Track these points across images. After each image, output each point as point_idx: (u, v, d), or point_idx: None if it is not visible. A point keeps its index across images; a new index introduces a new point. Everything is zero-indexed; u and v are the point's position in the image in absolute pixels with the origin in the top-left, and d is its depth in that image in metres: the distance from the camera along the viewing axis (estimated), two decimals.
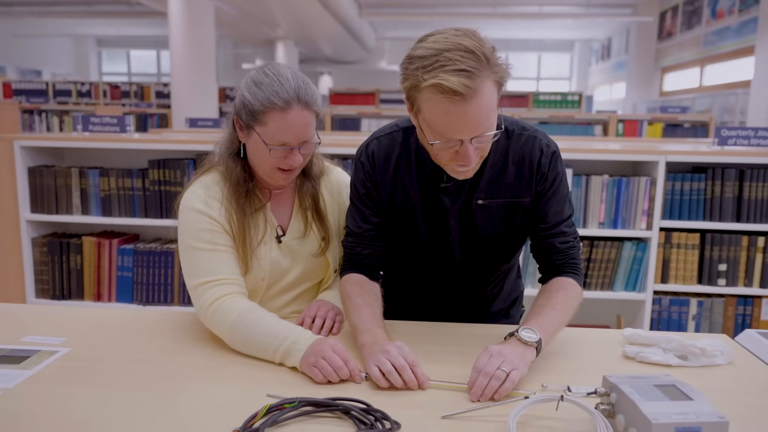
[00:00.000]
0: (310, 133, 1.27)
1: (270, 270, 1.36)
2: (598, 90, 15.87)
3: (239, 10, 9.99)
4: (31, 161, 2.62)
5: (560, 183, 1.30)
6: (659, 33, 12.12)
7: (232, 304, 1.22)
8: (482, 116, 1.08)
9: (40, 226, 2.68)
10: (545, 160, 1.27)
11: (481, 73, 1.05)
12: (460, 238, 1.34)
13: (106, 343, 1.23)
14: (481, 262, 1.39)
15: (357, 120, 6.31)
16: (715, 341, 1.21)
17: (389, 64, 17.04)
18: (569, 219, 1.33)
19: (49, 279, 2.63)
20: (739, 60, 9.05)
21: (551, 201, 1.30)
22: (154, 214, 2.58)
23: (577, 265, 1.33)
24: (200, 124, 4.86)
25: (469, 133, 1.10)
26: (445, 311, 1.47)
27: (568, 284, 1.28)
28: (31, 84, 8.56)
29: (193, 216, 1.29)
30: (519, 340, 1.09)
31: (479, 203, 1.29)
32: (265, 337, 1.15)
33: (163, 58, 17.32)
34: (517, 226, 1.33)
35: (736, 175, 2.40)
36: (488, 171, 1.27)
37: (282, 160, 1.26)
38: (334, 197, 1.46)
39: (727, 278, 2.45)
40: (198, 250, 1.27)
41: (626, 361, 1.20)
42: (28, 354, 1.15)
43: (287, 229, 1.39)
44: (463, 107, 1.05)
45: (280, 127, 1.22)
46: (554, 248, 1.31)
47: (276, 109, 1.21)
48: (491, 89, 1.08)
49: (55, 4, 12.22)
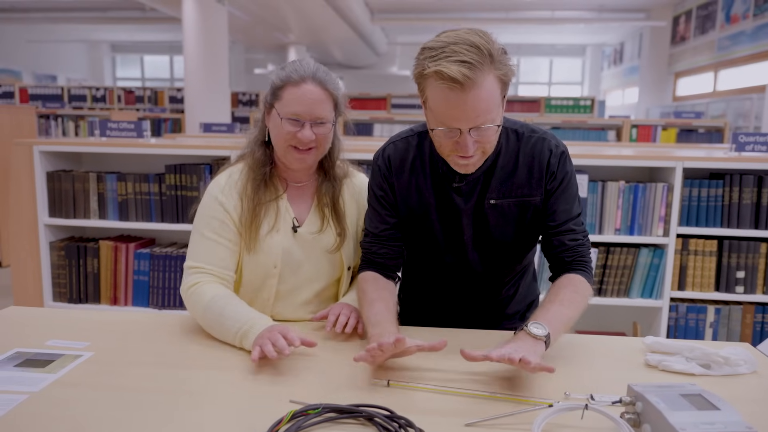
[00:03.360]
0: (323, 111, 1.34)
1: (282, 258, 1.39)
2: (611, 95, 15.79)
3: (252, 16, 10.06)
4: (50, 166, 2.65)
5: (569, 182, 1.33)
6: (672, 37, 12.05)
7: (208, 290, 1.32)
8: (480, 108, 1.13)
9: (58, 230, 2.71)
10: (554, 160, 1.31)
11: (482, 66, 1.10)
12: (474, 238, 1.36)
13: (129, 347, 1.24)
14: (494, 263, 1.40)
15: (369, 125, 6.32)
16: (738, 350, 1.20)
17: (400, 69, 17.07)
18: (578, 218, 1.35)
19: (67, 282, 2.66)
20: (753, 65, 8.97)
21: (560, 199, 1.32)
22: (171, 219, 2.60)
23: (586, 262, 1.34)
24: (214, 129, 4.89)
25: (467, 123, 1.14)
26: (461, 314, 1.48)
27: (576, 280, 1.30)
28: (47, 89, 8.67)
29: (209, 202, 1.39)
30: (528, 334, 1.11)
31: (491, 203, 1.32)
32: (228, 320, 1.25)
33: (177, 64, 17.47)
34: (529, 225, 1.36)
35: (755, 182, 2.38)
36: (499, 172, 1.31)
37: (293, 136, 1.33)
38: (355, 199, 1.50)
39: (745, 285, 2.43)
40: (203, 237, 1.37)
41: (648, 369, 1.19)
42: (52, 358, 1.16)
43: (304, 222, 1.43)
44: (461, 96, 1.11)
45: (293, 98, 1.32)
46: (563, 245, 1.33)
47: (292, 83, 1.32)
48: (492, 84, 1.13)
49: (70, 10, 12.37)
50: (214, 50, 7.64)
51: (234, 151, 2.49)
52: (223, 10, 7.90)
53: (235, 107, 8.63)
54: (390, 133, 6.47)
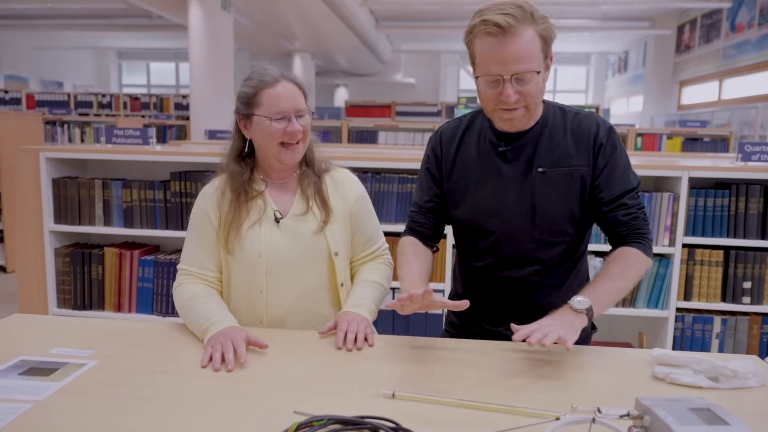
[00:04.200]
0: (301, 104, 1.43)
1: (266, 247, 1.44)
2: (615, 103, 15.79)
3: (257, 24, 10.12)
4: (56, 172, 2.66)
5: (619, 155, 1.37)
6: (677, 46, 12.06)
7: (188, 289, 1.44)
8: (520, 55, 1.23)
9: (63, 236, 2.72)
10: (603, 133, 1.36)
11: (524, 19, 1.22)
12: (518, 206, 1.38)
13: (134, 356, 1.24)
14: (537, 237, 1.39)
15: (374, 132, 6.33)
16: (746, 363, 1.18)
17: (405, 77, 17.12)
18: (632, 191, 1.38)
19: (71, 289, 2.66)
20: (758, 73, 8.97)
21: (613, 174, 1.36)
22: (175, 226, 2.60)
23: (643, 234, 1.37)
24: (219, 136, 4.91)
25: (507, 69, 1.23)
26: (505, 303, 1.47)
27: (629, 253, 1.34)
28: (53, 95, 8.72)
29: (195, 209, 1.50)
30: (570, 307, 1.18)
31: (539, 171, 1.36)
32: (196, 316, 1.36)
33: (182, 70, 17.56)
34: (576, 199, 1.37)
35: (761, 192, 2.37)
36: (546, 141, 1.37)
37: (284, 132, 1.40)
38: (339, 190, 1.53)
39: (752, 296, 2.41)
40: (188, 241, 1.50)
41: (655, 382, 1.18)
42: (57, 366, 1.16)
43: (288, 212, 1.48)
44: (503, 41, 1.22)
45: (273, 98, 1.40)
46: (617, 221, 1.36)
47: (266, 86, 1.41)
48: (533, 36, 1.24)
49: (77, 17, 12.47)
50: (220, 57, 7.68)
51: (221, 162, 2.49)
52: (229, 17, 7.95)
53: None
54: (395, 141, 6.49)
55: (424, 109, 8.30)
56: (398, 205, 2.55)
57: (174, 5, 8.24)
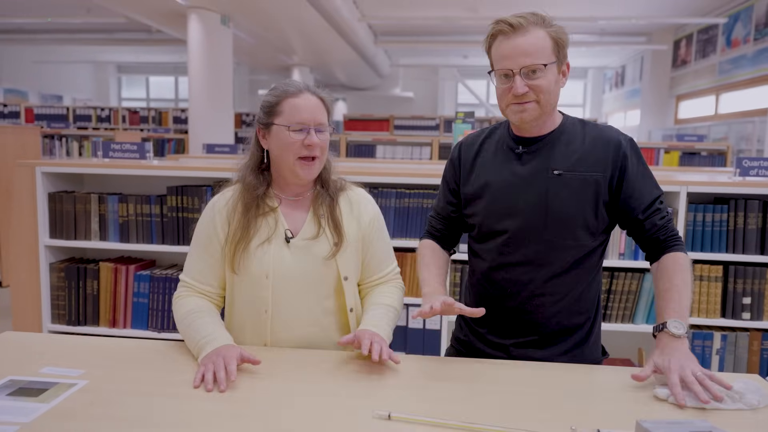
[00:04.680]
0: (323, 118, 1.41)
1: (273, 267, 1.39)
2: (612, 117, 15.85)
3: (257, 38, 10.17)
4: (52, 187, 2.65)
5: (644, 164, 1.42)
6: (674, 61, 12.14)
7: (186, 302, 1.42)
8: (529, 49, 1.31)
9: (58, 251, 2.70)
10: (625, 143, 1.41)
11: (535, 22, 1.33)
12: (531, 206, 1.40)
13: (125, 376, 1.22)
14: (549, 237, 1.39)
15: (372, 146, 6.33)
16: (750, 383, 1.17)
17: (403, 91, 17.18)
18: (661, 197, 1.43)
19: (66, 304, 2.63)
20: (755, 88, 9.01)
21: (644, 181, 1.40)
22: (171, 241, 2.58)
23: (678, 236, 1.43)
24: (217, 150, 4.90)
25: (516, 62, 1.32)
26: (514, 307, 1.45)
27: (681, 260, 1.38)
28: (52, 109, 8.74)
29: (203, 219, 1.46)
30: (669, 334, 1.25)
31: (555, 173, 1.39)
32: (194, 332, 1.34)
33: (181, 84, 17.62)
34: (589, 204, 1.39)
35: (760, 207, 2.36)
36: (562, 145, 1.41)
37: (301, 144, 1.37)
38: (354, 212, 1.48)
39: (752, 312, 2.39)
40: (191, 252, 1.46)
41: (656, 402, 1.16)
42: (46, 386, 1.14)
43: (299, 232, 1.44)
44: (513, 38, 1.32)
45: (294, 107, 1.38)
46: (655, 225, 1.40)
47: (289, 95, 1.39)
48: (543, 36, 1.33)
49: (77, 31, 12.53)
50: (219, 71, 7.71)
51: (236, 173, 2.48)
52: (228, 32, 7.99)
53: (238, 128, 8.69)
54: (393, 155, 6.49)
55: (422, 123, 8.33)
56: (396, 219, 2.54)
57: (173, 20, 8.28)
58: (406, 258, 2.51)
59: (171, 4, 7.35)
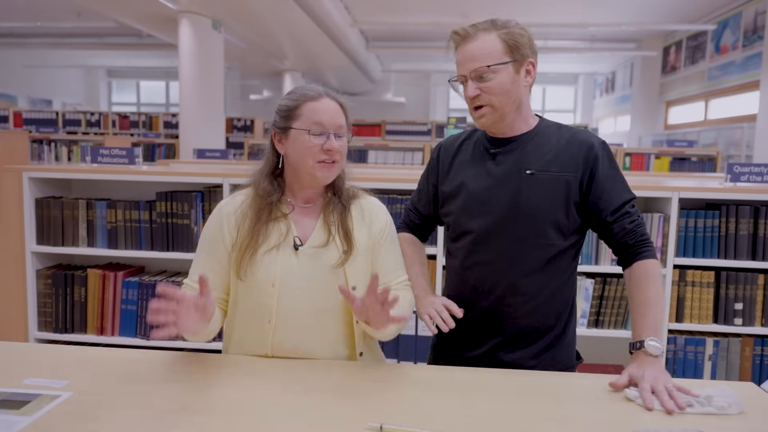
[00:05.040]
0: (342, 121, 1.39)
1: (281, 276, 1.35)
2: (603, 123, 15.95)
3: (248, 43, 10.15)
4: (39, 192, 2.61)
5: (616, 168, 1.43)
6: (663, 67, 12.24)
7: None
8: (476, 54, 1.36)
9: (45, 257, 2.66)
10: (598, 146, 1.42)
11: (485, 28, 1.36)
12: (503, 204, 1.42)
13: (111, 388, 1.19)
14: (520, 235, 1.41)
15: (364, 152, 6.32)
16: (725, 390, 1.17)
17: (395, 96, 17.20)
18: (632, 201, 1.43)
19: (52, 312, 2.59)
20: (743, 94, 9.10)
21: (614, 184, 1.41)
22: (161, 247, 2.55)
23: (648, 240, 1.42)
24: (208, 155, 4.87)
25: (466, 67, 1.37)
26: (485, 306, 1.46)
27: (651, 269, 1.38)
28: (41, 113, 8.67)
29: (211, 222, 1.44)
30: (645, 353, 1.27)
31: (527, 172, 1.41)
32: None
33: (172, 89, 17.55)
34: (560, 204, 1.40)
35: (751, 212, 2.36)
36: (535, 146, 1.43)
37: (320, 148, 1.35)
38: (365, 220, 1.45)
39: (744, 317, 2.39)
40: (198, 255, 1.44)
41: (649, 412, 1.15)
42: (28, 398, 1.11)
43: (308, 240, 1.40)
44: (462, 45, 1.38)
45: (313, 110, 1.36)
46: (624, 229, 1.40)
47: (308, 99, 1.37)
48: (493, 39, 1.36)
49: (67, 36, 12.46)
50: (210, 76, 7.68)
51: (226, 179, 2.46)
52: (220, 37, 7.97)
53: (229, 132, 8.65)
54: (385, 161, 6.48)
55: (414, 128, 8.33)
56: None
57: (164, 24, 8.25)
58: None
59: (162, 9, 7.32)
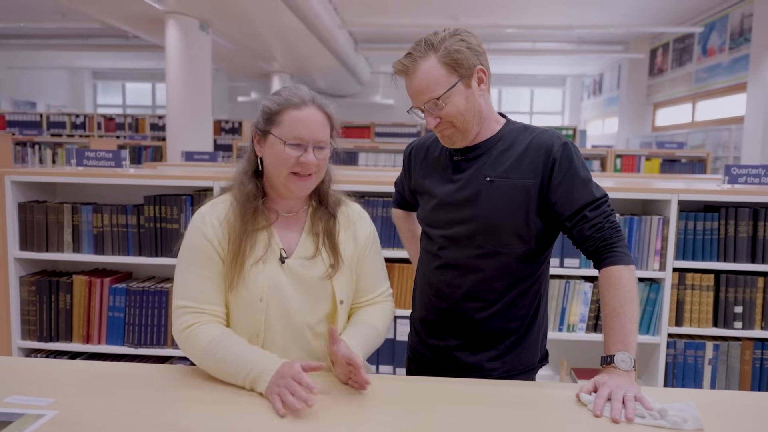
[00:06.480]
0: (324, 135, 1.32)
1: (269, 291, 1.30)
2: (591, 124, 16.03)
3: (236, 45, 10.05)
4: (22, 196, 2.52)
5: (576, 170, 1.36)
6: (650, 69, 12.32)
7: (204, 332, 1.26)
8: (421, 87, 1.34)
9: (29, 264, 2.57)
10: (557, 148, 1.37)
11: (424, 54, 1.33)
12: (464, 212, 1.41)
13: (98, 405, 1.12)
14: (480, 242, 1.40)
15: (354, 154, 6.27)
16: (682, 406, 1.14)
17: (384, 98, 17.17)
18: (593, 203, 1.35)
19: (36, 320, 2.51)
20: (730, 96, 9.17)
21: (571, 188, 1.35)
22: (149, 252, 2.47)
23: (612, 244, 1.34)
24: (196, 158, 4.78)
25: (418, 101, 1.37)
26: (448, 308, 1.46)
27: (614, 276, 1.31)
28: (25, 116, 8.52)
29: (194, 235, 1.32)
30: (615, 368, 1.22)
31: (487, 179, 1.39)
32: (232, 366, 1.21)
33: (159, 91, 17.37)
34: (521, 211, 1.38)
35: (750, 215, 2.34)
36: (497, 153, 1.41)
37: (296, 161, 1.28)
38: (350, 229, 1.42)
39: (743, 321, 2.37)
40: (189, 273, 1.30)
41: (641, 426, 1.11)
42: (10, 418, 1.04)
43: (293, 252, 1.34)
44: (408, 79, 1.37)
45: (294, 121, 1.28)
46: (583, 236, 1.36)
47: (291, 106, 1.29)
48: (433, 65, 1.33)
49: (51, 37, 12.28)
50: (197, 78, 7.58)
51: (217, 182, 2.39)
52: (207, 38, 7.87)
53: (217, 135, 8.55)
54: (375, 162, 6.43)
55: (403, 130, 8.30)
56: (383, 229, 2.47)
57: (151, 25, 8.13)
58: (393, 269, 2.44)
59: (148, 10, 7.21)
